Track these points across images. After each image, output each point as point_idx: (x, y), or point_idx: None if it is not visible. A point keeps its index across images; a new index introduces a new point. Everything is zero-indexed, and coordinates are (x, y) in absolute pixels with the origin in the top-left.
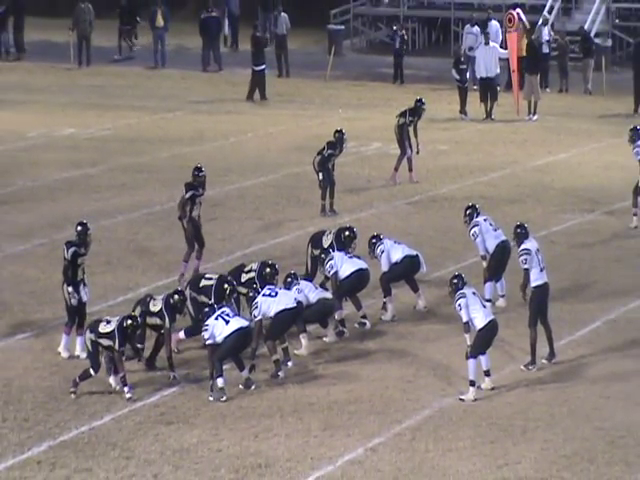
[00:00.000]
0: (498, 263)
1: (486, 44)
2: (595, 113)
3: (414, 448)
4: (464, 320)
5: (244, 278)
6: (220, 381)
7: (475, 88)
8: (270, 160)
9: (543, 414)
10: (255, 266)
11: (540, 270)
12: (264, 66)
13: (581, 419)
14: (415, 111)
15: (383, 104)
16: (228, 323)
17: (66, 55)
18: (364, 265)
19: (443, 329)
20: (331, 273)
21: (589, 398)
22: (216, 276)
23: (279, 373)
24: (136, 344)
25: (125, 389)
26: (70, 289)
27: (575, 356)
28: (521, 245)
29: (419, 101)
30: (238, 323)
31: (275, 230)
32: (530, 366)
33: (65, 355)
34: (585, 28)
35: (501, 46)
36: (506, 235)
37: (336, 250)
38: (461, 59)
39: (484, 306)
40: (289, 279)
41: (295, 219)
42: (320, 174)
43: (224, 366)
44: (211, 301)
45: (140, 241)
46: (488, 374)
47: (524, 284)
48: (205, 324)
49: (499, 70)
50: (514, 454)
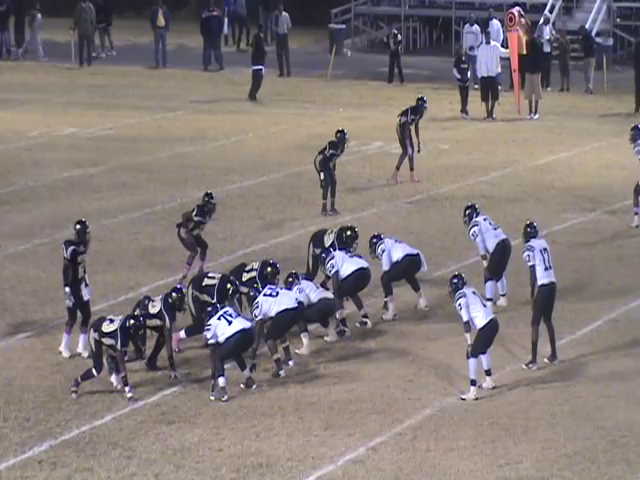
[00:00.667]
0: (499, 262)
1: (487, 43)
2: (596, 112)
3: (415, 447)
4: (464, 320)
5: (245, 277)
6: (221, 380)
7: (476, 87)
8: (271, 159)
9: (544, 413)
10: (256, 265)
11: (545, 269)
12: (261, 66)
13: (582, 418)
14: (417, 110)
15: (384, 103)
16: (231, 323)
17: (67, 54)
18: (365, 264)
19: (444, 328)
20: (332, 272)
21: (590, 397)
22: (219, 276)
23: (280, 372)
24: (139, 344)
25: (126, 389)
26: (67, 289)
27: (576, 355)
28: (526, 242)
29: (421, 99)
30: (241, 324)
31: (276, 229)
32: (531, 365)
33: (66, 355)
34: (586, 27)
35: (502, 45)
36: (506, 234)
37: (337, 249)
38: (462, 58)
39: (484, 305)
40: (290, 279)
41: (296, 218)
42: (321, 173)
43: (225, 365)
44: (213, 300)
45: (141, 241)
46: (489, 373)
47: (532, 282)
48: (207, 324)
49: (500, 69)
50: (515, 453)
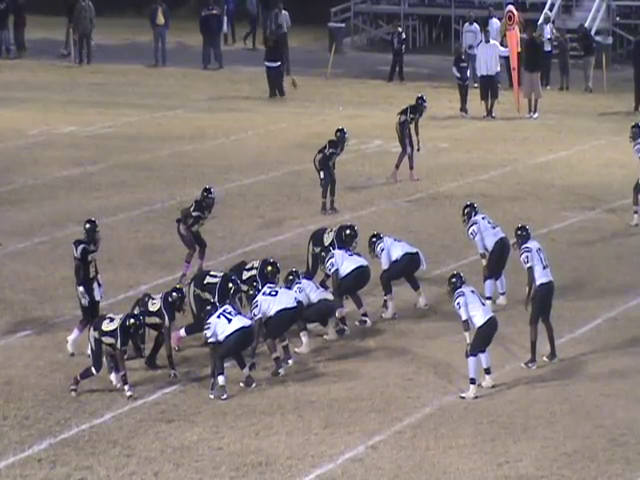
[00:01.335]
0: (497, 260)
1: (486, 42)
2: (596, 111)
3: (415, 446)
4: (463, 318)
5: (245, 276)
6: (221, 379)
7: (475, 86)
8: (271, 158)
9: (544, 412)
10: (257, 264)
11: (543, 268)
12: (271, 63)
13: (582, 417)
14: (416, 108)
15: (384, 102)
16: (230, 322)
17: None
18: (365, 263)
19: (443, 327)
20: (332, 271)
21: (590, 396)
22: (221, 274)
23: (280, 371)
24: (138, 343)
25: (126, 387)
26: (81, 289)
27: (576, 354)
28: (522, 245)
29: (420, 98)
30: (240, 322)
31: (276, 228)
32: (530, 364)
33: (70, 349)
34: (585, 26)
35: (501, 44)
36: (505, 232)
37: (337, 248)
38: (462, 57)
39: (483, 304)
40: (290, 277)
41: (296, 217)
42: (321, 172)
43: (225, 364)
44: (214, 299)
45: (141, 239)
46: (488, 372)
47: (530, 283)
48: (207, 322)
49: (499, 68)
50: (515, 452)
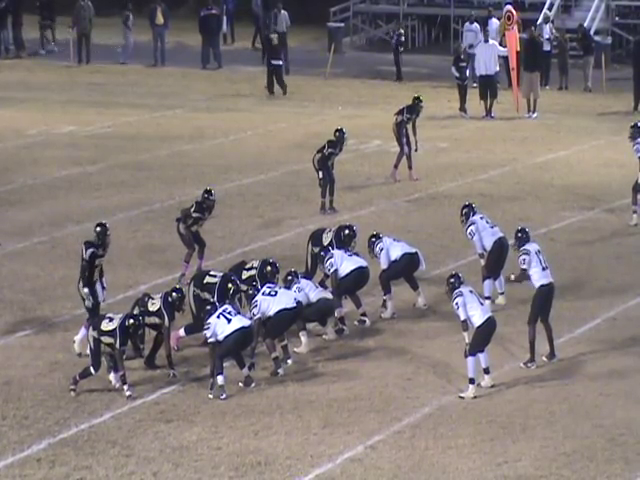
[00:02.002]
0: (496, 260)
1: (485, 42)
2: (595, 111)
3: (414, 446)
4: (462, 318)
5: (245, 275)
6: (220, 379)
7: (475, 86)
8: (270, 158)
9: (543, 412)
10: (256, 264)
11: (543, 269)
12: (277, 61)
13: (581, 417)
14: (413, 108)
15: (383, 102)
16: (230, 322)
17: (66, 53)
18: (364, 263)
19: (443, 327)
20: (331, 271)
21: (589, 396)
22: (220, 274)
23: (279, 370)
24: (138, 343)
25: (125, 387)
26: (86, 290)
27: (575, 353)
28: (521, 247)
29: (417, 98)
30: (240, 322)
31: (275, 228)
32: (529, 364)
33: (77, 349)
34: (585, 26)
35: (500, 44)
36: (504, 232)
37: (336, 248)
38: (461, 57)
39: (481, 303)
40: (289, 277)
41: (295, 217)
42: (320, 172)
43: (224, 364)
44: (214, 299)
45: (140, 239)
46: (487, 372)
47: (519, 280)
48: (207, 322)
49: (498, 68)
50: (514, 452)
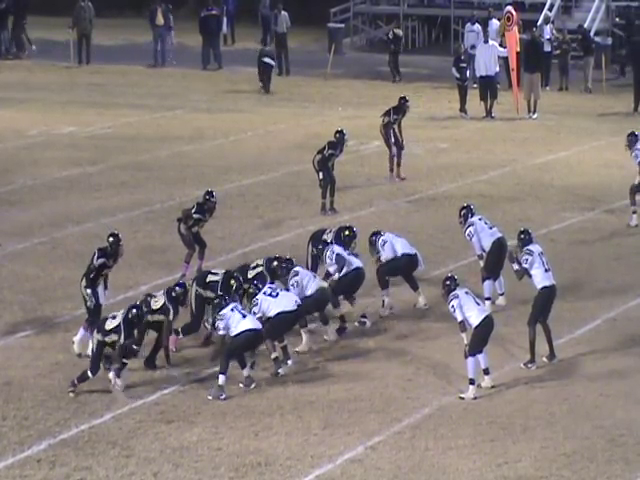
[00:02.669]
0: (495, 260)
1: (485, 42)
2: (595, 111)
3: (414, 446)
4: (459, 320)
5: (251, 274)
6: (222, 379)
7: (475, 86)
8: (270, 158)
9: (543, 412)
10: (260, 262)
11: (545, 271)
12: (273, 61)
13: (581, 417)
14: (399, 109)
15: (383, 102)
16: (245, 318)
17: (66, 53)
18: (361, 264)
19: (443, 327)
20: (332, 260)
21: (589, 396)
22: (222, 272)
23: (279, 371)
24: (142, 335)
25: (118, 381)
26: (89, 291)
27: (575, 354)
28: (523, 247)
29: (402, 99)
30: (253, 323)
31: (275, 228)
32: (530, 364)
33: (77, 349)
34: (585, 26)
35: (500, 44)
36: (503, 232)
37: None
38: (461, 57)
39: (478, 304)
40: (283, 264)
41: (295, 217)
42: (320, 173)
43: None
44: (219, 294)
45: (140, 239)
46: (487, 372)
47: (519, 276)
48: (220, 313)
49: (499, 68)
50: (514, 452)
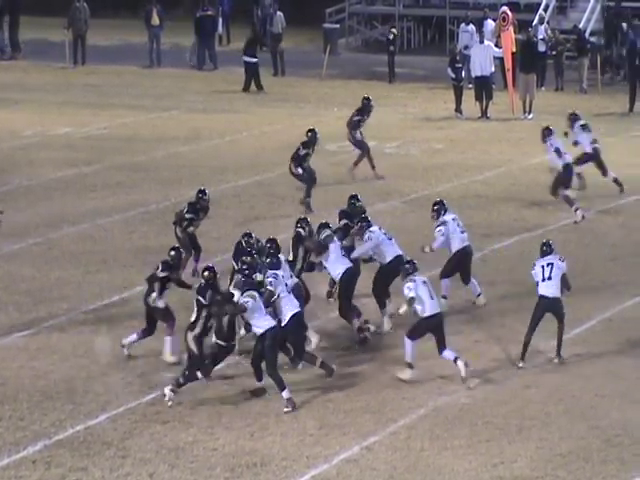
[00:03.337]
0: (456, 265)
1: (481, 43)
2: (590, 112)
3: (409, 447)
4: (411, 296)
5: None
6: (285, 393)
7: (470, 87)
8: (265, 159)
9: (538, 413)
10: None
11: (543, 280)
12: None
13: (577, 418)
14: (363, 109)
15: (378, 103)
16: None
17: (61, 54)
18: (350, 264)
19: None
20: (323, 237)
21: (584, 397)
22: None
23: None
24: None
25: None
26: (154, 295)
27: (570, 354)
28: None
29: (366, 99)
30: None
31: (271, 229)
32: (519, 362)
33: (172, 359)
34: (580, 27)
35: (496, 45)
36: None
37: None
38: (457, 58)
39: (432, 297)
40: (268, 244)
41: (290, 217)
42: (298, 175)
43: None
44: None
45: (136, 240)
46: (456, 361)
47: None
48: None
49: (494, 69)
50: (510, 453)
